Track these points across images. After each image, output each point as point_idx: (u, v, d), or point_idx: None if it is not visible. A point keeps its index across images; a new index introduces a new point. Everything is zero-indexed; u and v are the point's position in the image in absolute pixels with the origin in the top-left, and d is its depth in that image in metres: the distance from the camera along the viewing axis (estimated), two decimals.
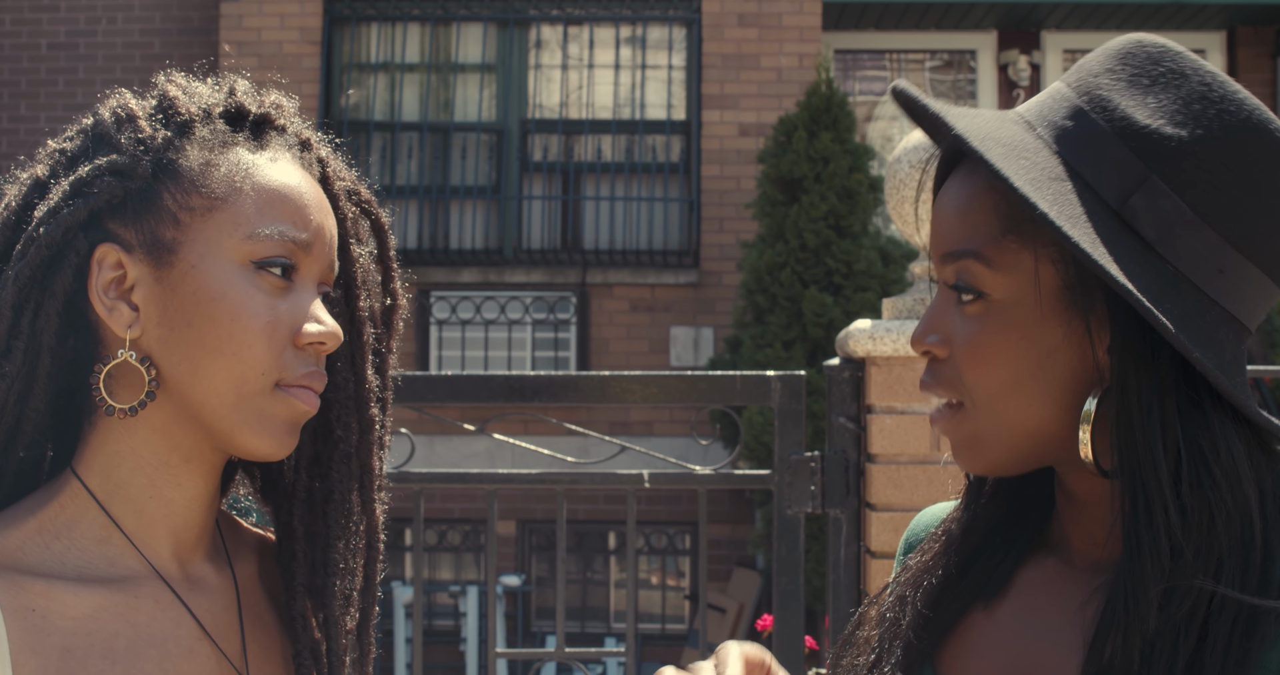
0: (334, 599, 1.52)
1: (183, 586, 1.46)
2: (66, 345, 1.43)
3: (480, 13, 11.26)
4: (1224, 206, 1.32)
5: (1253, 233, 1.33)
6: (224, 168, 1.42)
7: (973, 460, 1.44)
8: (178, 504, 1.46)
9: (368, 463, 1.56)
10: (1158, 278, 1.30)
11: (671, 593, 11.04)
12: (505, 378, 3.93)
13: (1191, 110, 1.33)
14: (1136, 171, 1.32)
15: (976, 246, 1.38)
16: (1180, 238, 1.31)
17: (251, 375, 1.39)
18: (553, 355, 10.81)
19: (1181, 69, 1.36)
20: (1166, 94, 1.35)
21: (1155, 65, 1.37)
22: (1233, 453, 1.31)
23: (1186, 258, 1.31)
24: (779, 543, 3.92)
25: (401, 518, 10.06)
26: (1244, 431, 1.33)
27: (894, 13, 11.86)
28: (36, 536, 1.40)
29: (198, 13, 12.02)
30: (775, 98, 10.88)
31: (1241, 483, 1.30)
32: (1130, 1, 11.43)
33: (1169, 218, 1.31)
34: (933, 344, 1.43)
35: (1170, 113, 1.33)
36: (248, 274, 1.40)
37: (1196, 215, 1.31)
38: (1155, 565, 1.29)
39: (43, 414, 1.43)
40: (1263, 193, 1.33)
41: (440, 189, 11.09)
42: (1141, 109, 1.34)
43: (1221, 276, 1.32)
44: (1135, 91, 1.36)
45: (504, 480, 3.98)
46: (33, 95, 12.03)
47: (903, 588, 1.57)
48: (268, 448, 1.43)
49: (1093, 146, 1.34)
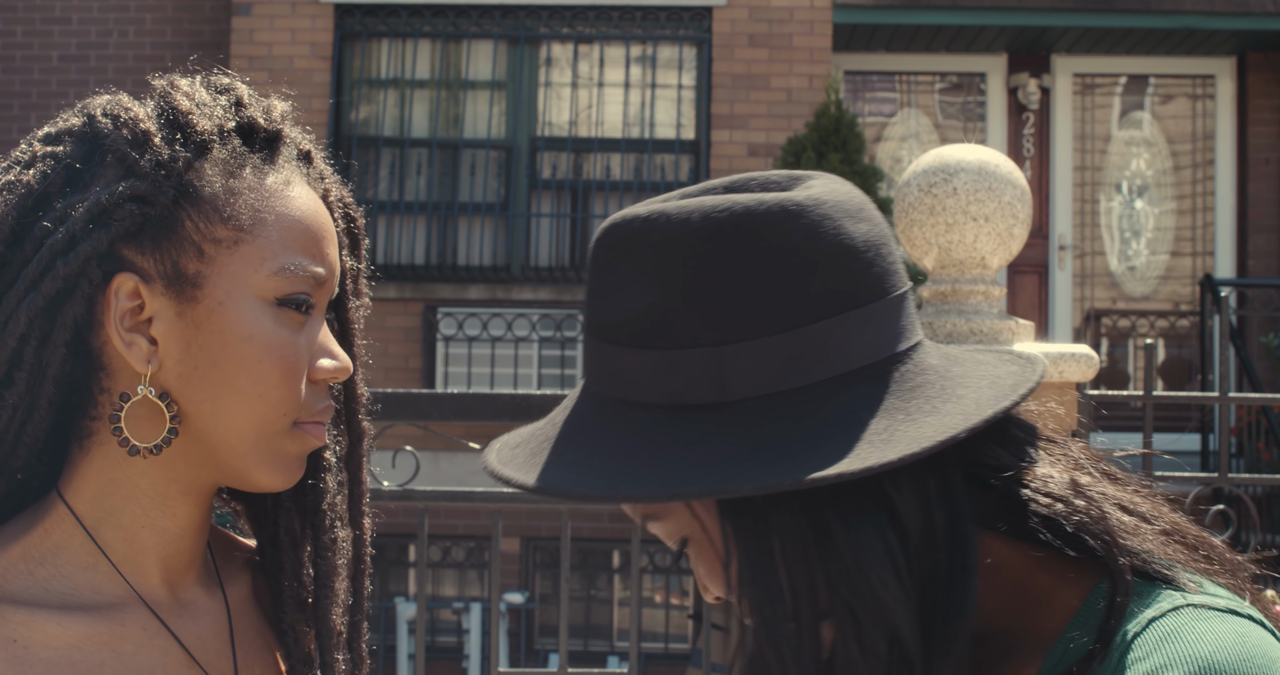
0: (325, 612, 1.49)
1: (172, 613, 1.42)
2: (68, 373, 1.37)
3: (491, 30, 11.28)
4: (715, 325, 1.23)
5: (752, 314, 1.23)
6: (246, 195, 1.36)
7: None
8: (170, 532, 1.41)
9: (356, 473, 1.53)
10: (739, 432, 1.23)
11: (675, 611, 11.02)
12: (512, 396, 3.93)
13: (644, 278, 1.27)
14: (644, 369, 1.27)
15: (646, 523, 1.34)
16: (731, 376, 1.23)
17: (274, 416, 1.36)
18: (559, 373, 10.80)
19: (616, 251, 1.30)
20: (612, 280, 1.30)
21: (610, 259, 1.31)
22: (868, 569, 1.23)
23: (753, 386, 1.23)
24: None
25: (405, 534, 10.06)
26: (881, 517, 1.24)
27: (904, 35, 11.87)
28: (20, 563, 1.35)
29: (209, 27, 12.05)
30: (785, 118, 10.89)
31: (881, 596, 1.23)
32: (1140, 26, 11.44)
33: (710, 374, 1.24)
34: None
35: (618, 295, 1.29)
36: (272, 311, 1.36)
37: (717, 345, 1.23)
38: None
39: (39, 440, 1.38)
40: (699, 286, 1.24)
41: (449, 205, 11.10)
42: (608, 310, 1.30)
43: (795, 367, 1.23)
44: (596, 297, 1.32)
45: (509, 499, 3.97)
46: (43, 107, 12.05)
47: None
48: (280, 482, 1.41)
49: (619, 378, 1.29)
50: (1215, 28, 11.48)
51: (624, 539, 10.63)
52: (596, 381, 1.31)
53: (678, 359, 1.24)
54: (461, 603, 10.60)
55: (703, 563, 1.32)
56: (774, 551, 1.23)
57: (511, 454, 1.36)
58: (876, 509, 1.23)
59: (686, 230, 1.23)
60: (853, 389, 1.23)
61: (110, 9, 12.15)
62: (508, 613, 10.61)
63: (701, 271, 1.23)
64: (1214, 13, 11.39)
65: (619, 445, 1.26)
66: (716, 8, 11.08)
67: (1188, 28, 11.42)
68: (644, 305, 1.25)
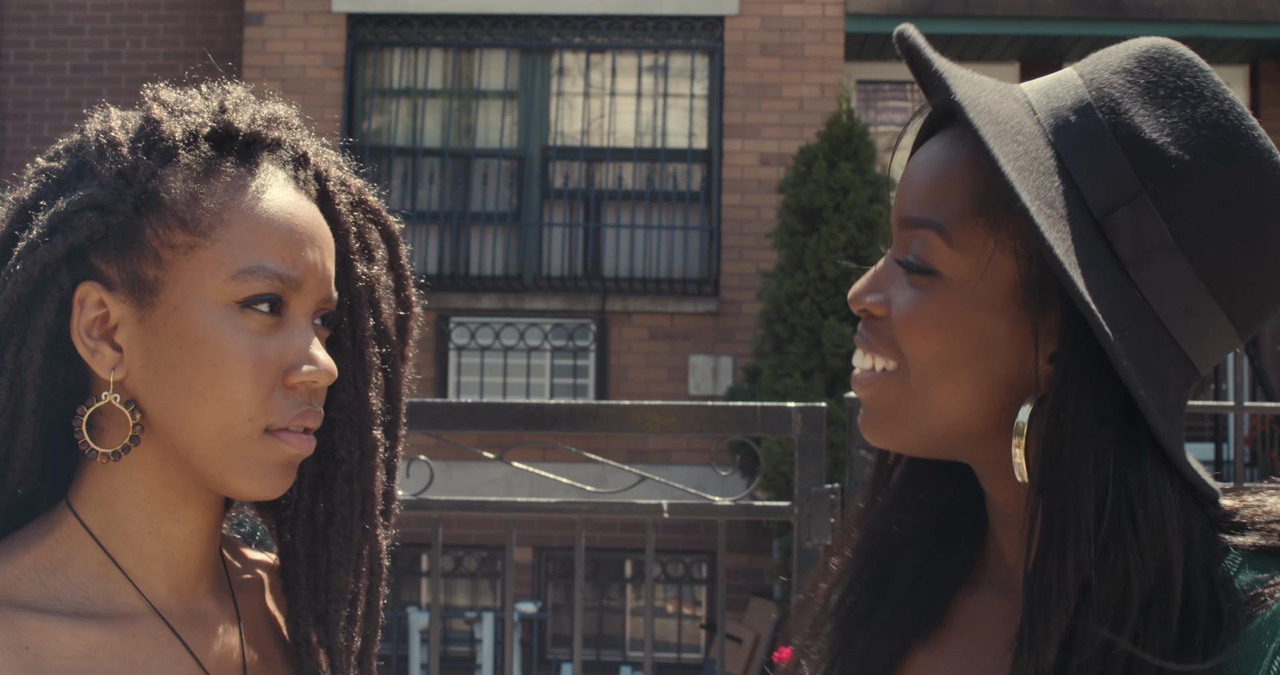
0: (337, 624, 1.48)
1: (183, 622, 1.42)
2: (55, 380, 1.38)
3: (503, 39, 11.29)
4: (1208, 243, 1.24)
5: (1230, 277, 1.25)
6: (207, 201, 1.35)
7: (885, 433, 1.36)
8: (176, 539, 1.42)
9: (368, 487, 1.50)
10: (1123, 300, 1.23)
11: (687, 621, 11.01)
12: (525, 406, 3.93)
13: (1200, 134, 1.25)
14: (1129, 185, 1.24)
15: (942, 220, 1.30)
16: (1155, 265, 1.24)
17: (237, 421, 1.34)
18: (571, 382, 10.80)
19: (1200, 88, 1.28)
20: (1180, 111, 1.26)
21: (1176, 78, 1.29)
22: (1161, 499, 1.22)
23: (1156, 287, 1.24)
24: (798, 575, 3.91)
25: (418, 543, 10.05)
26: (1177, 480, 1.25)
27: None
28: (32, 572, 1.36)
29: (222, 37, 12.08)
30: (797, 127, 10.89)
31: (1165, 532, 1.22)
32: (1153, 35, 11.40)
33: (1149, 241, 1.24)
34: (872, 304, 1.35)
35: (1179, 132, 1.25)
36: (232, 315, 1.34)
37: (1178, 245, 1.24)
38: (1060, 598, 1.21)
39: (31, 452, 1.38)
40: (1251, 238, 1.25)
41: (461, 215, 11.11)
42: (1150, 121, 1.26)
43: (1187, 315, 1.25)
44: (1148, 101, 1.27)
45: (523, 509, 3.97)
46: (56, 117, 12.08)
47: (831, 616, 1.49)
48: (259, 491, 1.38)
49: (1091, 147, 1.26)
50: (1227, 37, 11.47)
51: (637, 549, 10.63)
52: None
53: (1143, 206, 1.25)
54: (474, 612, 10.59)
55: (927, 304, 1.30)
56: (1096, 403, 1.24)
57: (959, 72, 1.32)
58: (1170, 466, 1.25)
59: None
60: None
61: (123, 19, 12.18)
62: (520, 622, 10.60)
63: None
64: (1226, 22, 11.38)
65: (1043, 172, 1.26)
66: (729, 17, 11.08)
67: (1200, 37, 11.41)
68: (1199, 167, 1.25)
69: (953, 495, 1.46)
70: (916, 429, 1.33)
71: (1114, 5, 11.36)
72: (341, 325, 1.49)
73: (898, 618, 1.44)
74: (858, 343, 1.37)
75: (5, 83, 12.22)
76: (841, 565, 1.49)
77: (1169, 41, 1.32)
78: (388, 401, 1.55)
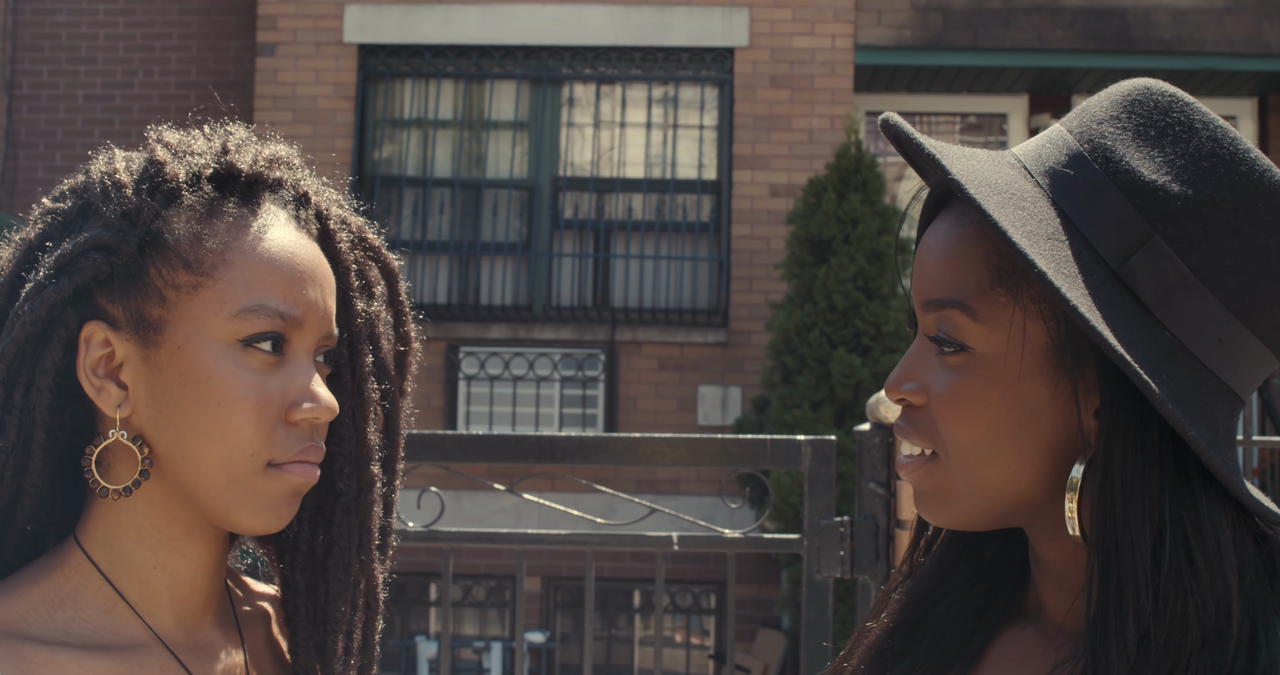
0: (334, 655, 1.48)
1: (189, 654, 1.43)
2: (63, 417, 1.40)
3: (514, 70, 11.33)
4: (1227, 271, 1.24)
5: (1256, 301, 1.25)
6: (210, 241, 1.38)
7: (939, 513, 1.36)
8: (182, 574, 1.44)
9: (365, 521, 1.51)
10: (1154, 344, 1.22)
11: (695, 652, 10.99)
12: (536, 438, 3.94)
13: (1200, 167, 1.25)
14: (1139, 230, 1.24)
15: (963, 297, 1.30)
16: (1180, 303, 1.24)
17: (240, 457, 1.36)
18: (580, 412, 10.80)
19: (1191, 121, 1.28)
20: (1175, 148, 1.26)
21: (1164, 116, 1.29)
22: (1218, 536, 1.22)
23: (1185, 324, 1.24)
24: (808, 608, 3.92)
25: (426, 572, 10.06)
26: (1230, 512, 1.25)
27: (926, 76, 11.90)
28: (41, 606, 1.38)
29: (234, 67, 12.13)
30: (806, 159, 10.91)
31: (1225, 569, 1.22)
32: (1162, 67, 11.45)
33: (1169, 281, 1.24)
34: (909, 392, 1.35)
35: (1177, 168, 1.25)
36: (234, 353, 1.37)
37: (1198, 279, 1.24)
38: (1120, 650, 1.21)
39: (41, 488, 1.40)
40: (1269, 259, 1.25)
41: (471, 245, 11.13)
42: (1147, 163, 1.26)
43: (1220, 346, 1.25)
44: (1141, 143, 1.27)
45: (534, 540, 3.98)
46: (68, 146, 12.13)
47: (865, 659, 1.49)
48: (263, 524, 1.40)
49: (1094, 199, 1.26)
50: (1236, 69, 11.48)
51: (646, 579, 10.62)
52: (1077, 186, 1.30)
53: (1157, 248, 1.25)
54: (482, 642, 10.58)
55: (965, 386, 1.31)
56: (1142, 450, 1.24)
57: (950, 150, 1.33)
58: (1224, 499, 1.26)
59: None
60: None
61: (135, 49, 12.23)
62: (529, 652, 10.59)
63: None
64: (1235, 54, 11.40)
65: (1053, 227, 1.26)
66: (738, 48, 11.11)
67: (1209, 69, 11.44)
68: (1198, 198, 1.25)
69: (982, 543, 1.47)
70: (971, 506, 1.33)
71: (1123, 38, 11.39)
72: (342, 361, 1.50)
73: (930, 657, 1.44)
74: (897, 431, 1.38)
75: (18, 112, 12.27)
76: (879, 627, 1.50)
77: (1150, 81, 1.33)
78: (386, 436, 1.57)
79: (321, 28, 11.23)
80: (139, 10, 12.26)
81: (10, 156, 12.21)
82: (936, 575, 1.48)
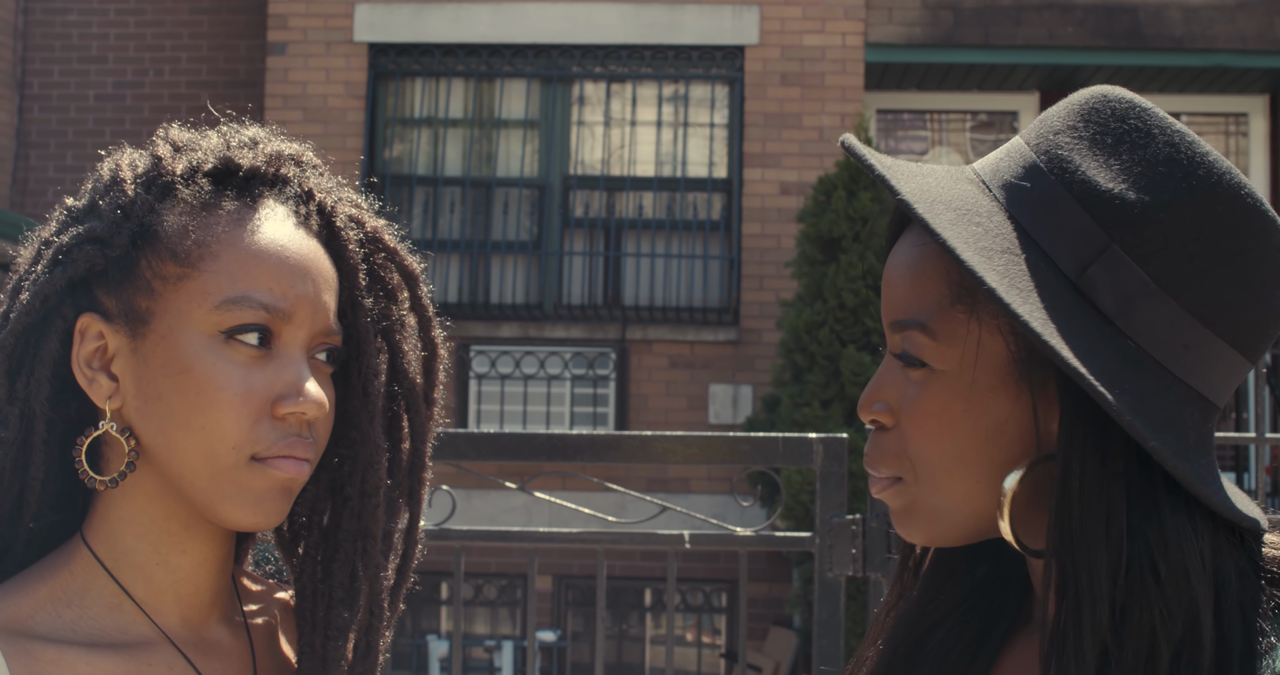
0: (336, 663, 1.46)
1: (196, 652, 1.43)
2: (66, 412, 1.41)
3: (524, 69, 11.33)
4: (1189, 277, 1.23)
5: (1220, 305, 1.24)
6: (198, 233, 1.37)
7: (915, 531, 1.35)
8: (184, 570, 1.43)
9: (369, 527, 1.48)
10: (1116, 354, 1.22)
11: (707, 650, 10.99)
12: (547, 436, 3.94)
13: (1157, 173, 1.24)
14: (1096, 240, 1.24)
15: (923, 318, 1.30)
16: (1141, 311, 1.23)
17: (222, 449, 1.35)
18: (591, 411, 10.81)
19: (1148, 127, 1.27)
20: (1131, 155, 1.26)
21: (1120, 122, 1.28)
22: (1183, 547, 1.21)
23: (1148, 332, 1.23)
24: (819, 606, 3.91)
25: (438, 571, 10.05)
26: (1205, 519, 1.23)
27: (936, 74, 11.89)
28: (48, 604, 1.38)
29: (244, 66, 12.14)
30: (817, 157, 10.90)
31: (1190, 580, 1.20)
32: (1172, 65, 11.44)
33: (1129, 290, 1.23)
34: (879, 412, 1.34)
35: (1134, 176, 1.24)
36: (217, 345, 1.35)
37: (1159, 287, 1.23)
38: (1080, 664, 1.20)
39: (45, 483, 1.41)
40: (1232, 262, 1.24)
41: (482, 244, 11.13)
42: (1103, 171, 1.25)
43: (1187, 351, 1.23)
44: (1098, 151, 1.27)
45: (545, 539, 3.98)
46: (79, 146, 12.14)
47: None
48: (250, 519, 1.38)
49: (1050, 211, 1.26)
50: (1248, 66, 11.46)
51: (657, 577, 10.61)
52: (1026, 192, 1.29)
53: (1115, 257, 1.24)
54: (494, 641, 10.59)
55: (929, 401, 1.31)
56: (1100, 472, 1.23)
57: (901, 170, 1.33)
58: (1195, 507, 1.24)
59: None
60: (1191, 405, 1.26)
61: (146, 49, 12.24)
62: (540, 651, 10.59)
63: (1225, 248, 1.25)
64: (1246, 51, 11.38)
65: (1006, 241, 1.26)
66: (749, 47, 11.11)
67: (1220, 66, 11.42)
68: (1151, 205, 1.25)
69: (988, 571, 1.46)
70: (945, 522, 1.33)
71: (1134, 35, 11.37)
72: (350, 362, 1.48)
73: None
74: (866, 462, 1.37)
75: (29, 111, 12.29)
76: (876, 655, 1.48)
77: (1107, 88, 1.32)
78: (412, 444, 1.54)
79: (332, 27, 11.24)
80: (149, 9, 12.28)
81: (21, 156, 12.23)
82: (928, 597, 1.47)
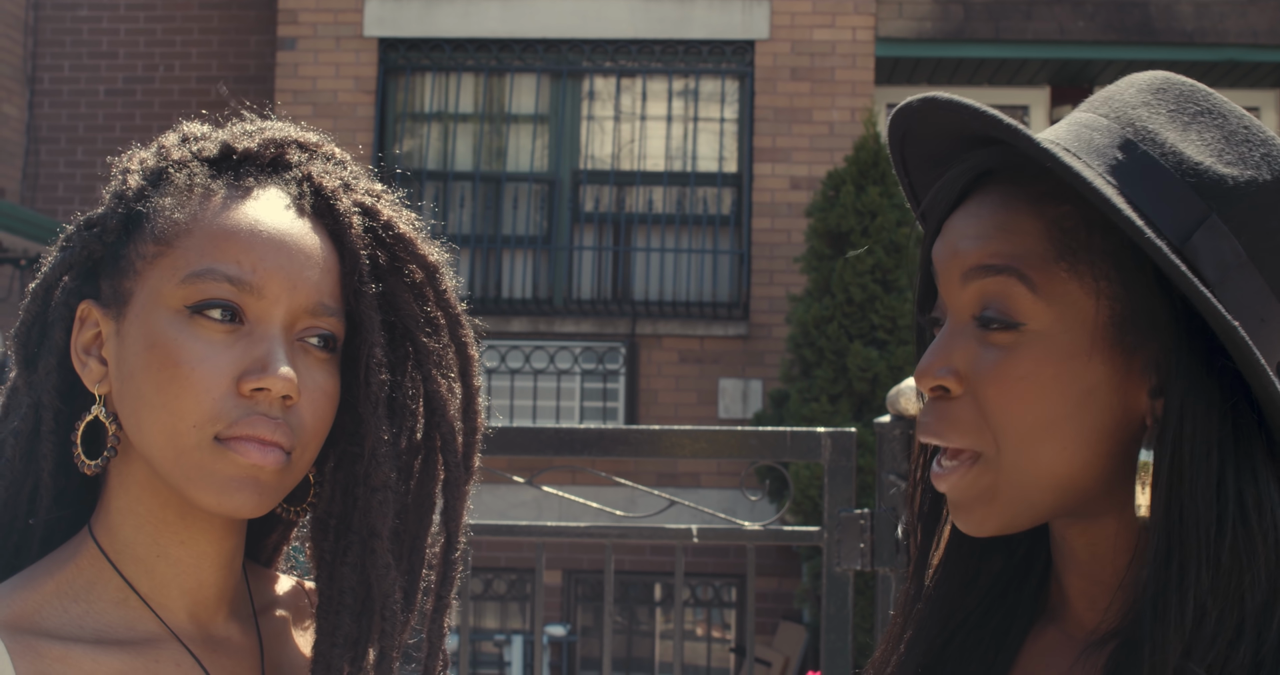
0: (341, 668, 1.41)
1: (204, 648, 1.41)
2: (71, 402, 1.40)
3: (534, 64, 11.33)
4: (1271, 252, 1.24)
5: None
6: (176, 211, 1.36)
7: (981, 520, 1.29)
8: (185, 563, 1.40)
9: (374, 525, 1.42)
10: None
11: (716, 645, 10.99)
12: (556, 430, 3.94)
13: (1238, 150, 1.25)
14: (1197, 209, 1.22)
15: (1021, 266, 1.25)
16: (1235, 282, 1.22)
17: (183, 428, 1.31)
18: (601, 405, 10.81)
19: (1217, 108, 1.28)
20: (1209, 132, 1.26)
21: (1192, 102, 1.28)
22: (1275, 509, 1.19)
23: (1235, 304, 1.21)
24: (828, 600, 3.91)
25: None
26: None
27: (947, 68, 11.87)
28: (54, 599, 1.36)
29: (254, 61, 12.15)
30: (827, 151, 10.89)
31: (1278, 541, 1.19)
32: (1184, 59, 11.41)
33: (1227, 259, 1.22)
34: (944, 377, 1.27)
35: (1218, 151, 1.25)
36: (182, 320, 1.33)
37: (1250, 259, 1.23)
38: (1178, 632, 1.17)
39: (54, 475, 1.39)
40: None
41: (491, 238, 11.14)
42: (1190, 145, 1.25)
43: (1264, 326, 1.23)
44: (1178, 126, 1.26)
45: (554, 533, 3.99)
46: (90, 141, 12.16)
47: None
48: (219, 504, 1.33)
49: (1150, 178, 1.24)
50: (1259, 60, 11.45)
51: (666, 572, 10.62)
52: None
53: (1215, 227, 1.24)
54: (503, 635, 10.60)
55: (1017, 364, 1.25)
56: (1213, 422, 1.21)
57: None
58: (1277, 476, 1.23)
59: None
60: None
61: (156, 43, 12.26)
62: (549, 645, 10.60)
63: None
64: (1258, 45, 11.36)
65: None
66: (759, 41, 11.10)
67: (1231, 60, 11.40)
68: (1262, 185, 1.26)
69: (1003, 565, 1.42)
70: (1023, 502, 1.28)
71: (1145, 29, 11.35)
72: (350, 351, 1.43)
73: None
74: (924, 435, 1.31)
75: (40, 106, 12.31)
76: (895, 665, 1.44)
77: (1165, 72, 1.32)
78: (444, 443, 1.52)
79: (342, 22, 11.25)
80: (160, 5, 12.29)
81: (32, 151, 12.24)
82: (948, 593, 1.43)
